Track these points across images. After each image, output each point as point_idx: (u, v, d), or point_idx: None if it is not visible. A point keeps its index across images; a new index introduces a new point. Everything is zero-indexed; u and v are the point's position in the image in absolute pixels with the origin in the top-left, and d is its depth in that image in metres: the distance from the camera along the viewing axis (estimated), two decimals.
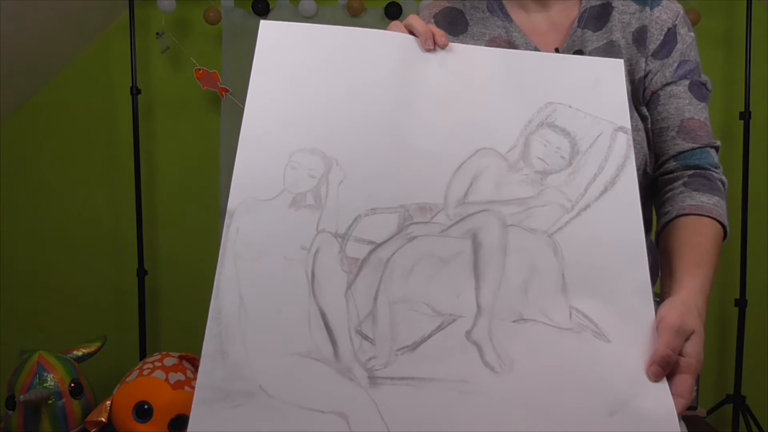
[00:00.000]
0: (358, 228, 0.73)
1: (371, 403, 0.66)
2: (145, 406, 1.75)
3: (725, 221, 0.87)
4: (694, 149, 0.92)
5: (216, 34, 2.40)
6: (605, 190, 0.77)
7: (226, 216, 0.71)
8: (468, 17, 1.01)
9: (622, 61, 0.84)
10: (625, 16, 0.96)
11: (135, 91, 2.31)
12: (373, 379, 0.67)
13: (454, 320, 0.70)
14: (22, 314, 2.54)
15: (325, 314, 0.69)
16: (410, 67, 0.81)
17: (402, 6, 2.29)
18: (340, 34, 0.81)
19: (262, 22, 0.81)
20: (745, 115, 2.27)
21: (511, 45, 0.97)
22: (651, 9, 0.95)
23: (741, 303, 2.28)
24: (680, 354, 0.68)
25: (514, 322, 0.71)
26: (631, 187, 0.77)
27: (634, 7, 0.96)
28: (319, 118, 0.77)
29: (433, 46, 0.82)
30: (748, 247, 2.28)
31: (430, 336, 0.69)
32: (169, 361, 1.88)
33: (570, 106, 0.81)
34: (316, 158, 0.75)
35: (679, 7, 0.97)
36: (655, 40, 0.95)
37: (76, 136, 2.53)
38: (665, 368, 0.67)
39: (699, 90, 0.95)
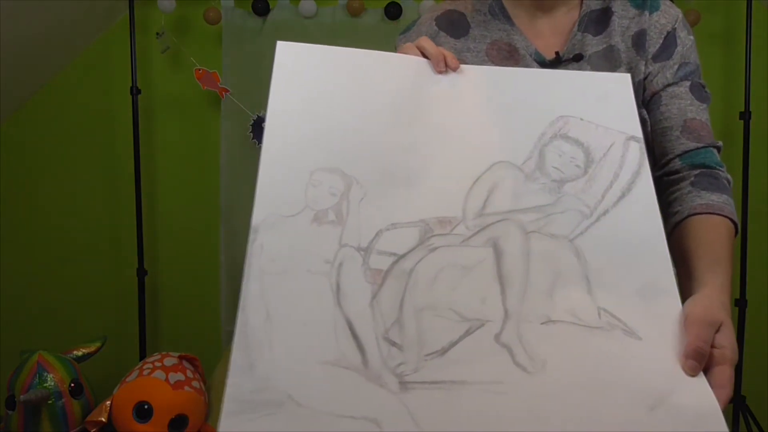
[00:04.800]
0: (380, 242, 0.74)
1: (403, 408, 0.65)
2: (145, 406, 1.75)
3: (736, 218, 0.88)
4: (698, 148, 0.93)
5: (216, 34, 2.40)
6: (622, 196, 0.79)
7: (251, 232, 0.72)
8: (470, 20, 1.01)
9: (629, 75, 0.86)
10: (624, 20, 0.97)
11: (135, 91, 2.31)
12: (404, 384, 0.67)
13: (482, 325, 0.71)
14: (22, 314, 2.54)
15: (352, 323, 0.69)
16: (423, 89, 0.83)
17: (402, 6, 2.29)
18: (355, 56, 0.84)
19: (279, 43, 0.82)
20: (745, 115, 2.27)
21: (512, 48, 0.98)
22: (650, 13, 0.96)
23: (741, 303, 2.27)
24: (713, 346, 0.68)
25: (542, 324, 0.71)
26: (648, 192, 0.79)
27: (633, 11, 0.97)
28: (337, 138, 0.78)
29: (444, 68, 0.84)
30: (748, 247, 2.28)
31: (458, 341, 0.69)
32: (169, 361, 1.88)
33: (581, 119, 0.83)
34: (335, 176, 0.76)
35: (677, 11, 0.98)
36: (654, 44, 0.96)
37: (76, 136, 2.52)
38: (700, 361, 0.67)
39: (699, 92, 0.96)
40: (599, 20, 0.98)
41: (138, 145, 2.32)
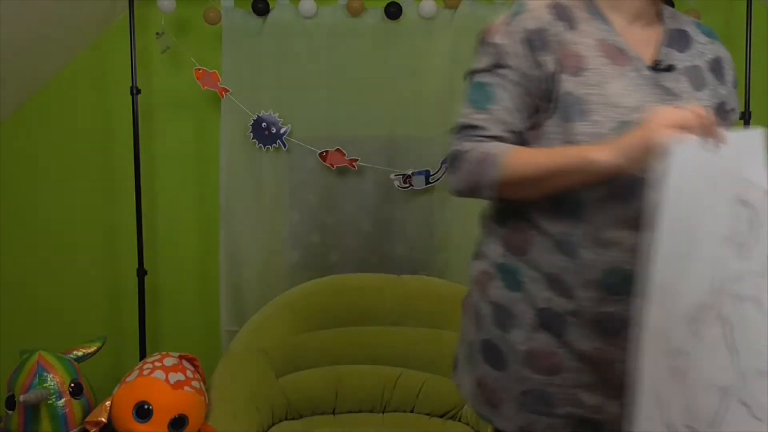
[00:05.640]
0: None
1: None
2: (145, 406, 1.75)
3: None
4: None
5: (216, 34, 2.40)
6: None
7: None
8: (575, 15, 1.04)
9: (762, 132, 0.93)
10: (699, 45, 1.06)
11: (135, 91, 2.31)
12: None
13: (728, 391, 0.88)
14: (22, 314, 2.54)
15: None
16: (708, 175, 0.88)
17: (402, 6, 2.28)
18: (699, 154, 0.86)
19: (678, 147, 0.83)
20: (745, 115, 2.27)
21: (618, 51, 1.01)
22: (719, 44, 1.08)
23: None
24: None
25: (758, 377, 0.88)
26: None
27: (704, 38, 1.07)
28: (700, 271, 0.88)
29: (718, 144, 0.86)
30: None
31: (719, 411, 0.87)
32: (169, 361, 1.88)
33: (745, 178, 0.89)
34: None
35: None
36: (728, 74, 1.07)
37: (76, 136, 2.52)
38: None
39: None
40: (681, 39, 1.05)
41: (138, 145, 2.32)
